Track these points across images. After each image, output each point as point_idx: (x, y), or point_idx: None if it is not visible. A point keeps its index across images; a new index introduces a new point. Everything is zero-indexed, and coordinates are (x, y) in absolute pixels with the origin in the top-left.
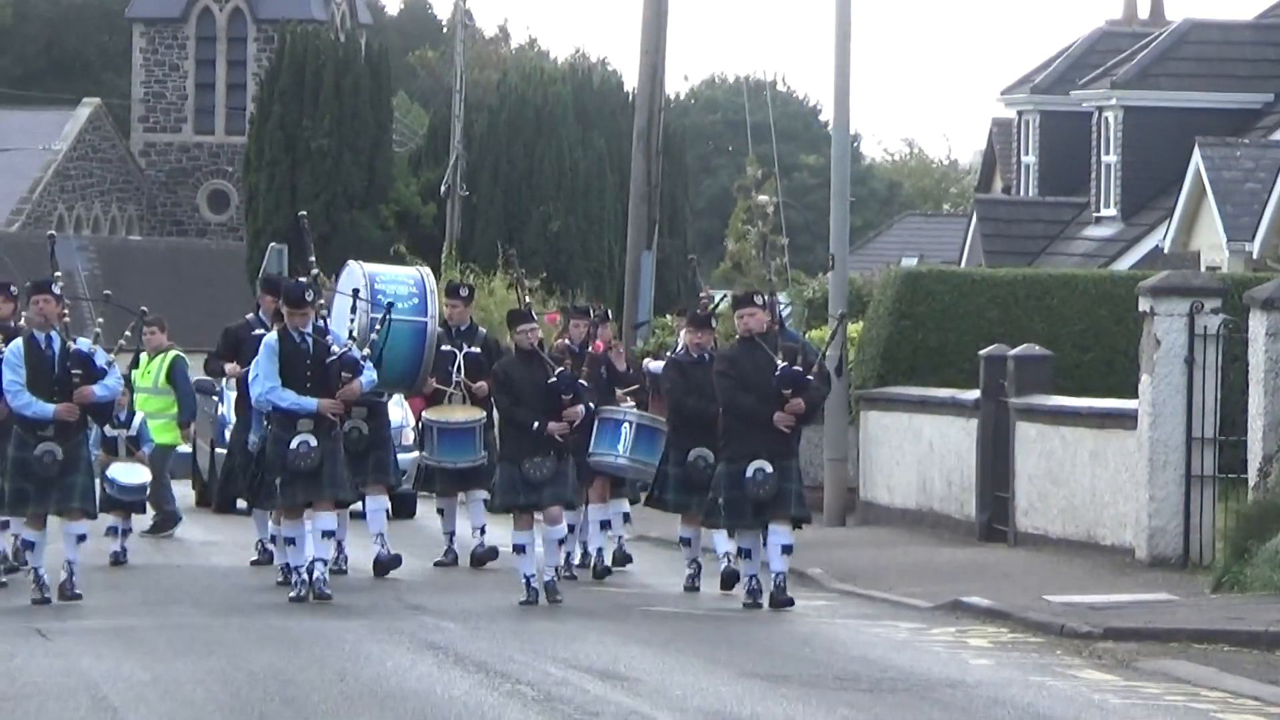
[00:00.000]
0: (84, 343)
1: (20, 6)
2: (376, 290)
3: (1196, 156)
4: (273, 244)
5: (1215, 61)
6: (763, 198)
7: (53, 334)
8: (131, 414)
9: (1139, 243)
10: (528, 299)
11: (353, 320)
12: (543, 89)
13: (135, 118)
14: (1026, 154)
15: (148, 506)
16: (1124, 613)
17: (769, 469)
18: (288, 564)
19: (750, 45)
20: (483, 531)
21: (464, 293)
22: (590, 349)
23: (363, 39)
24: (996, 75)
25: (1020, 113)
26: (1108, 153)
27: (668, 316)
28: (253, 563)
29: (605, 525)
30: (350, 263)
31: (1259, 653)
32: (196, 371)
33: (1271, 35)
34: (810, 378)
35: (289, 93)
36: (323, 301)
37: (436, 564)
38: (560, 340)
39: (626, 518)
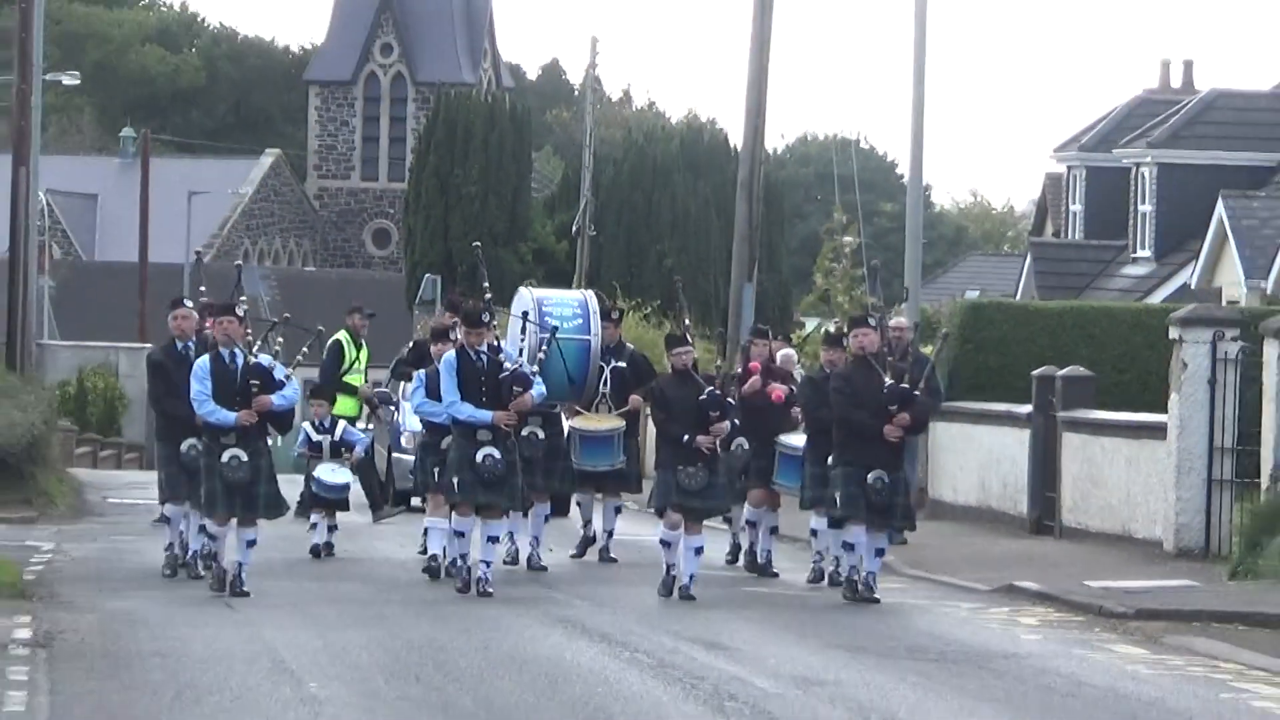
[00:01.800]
0: (265, 358)
1: (210, 69)
2: (545, 312)
3: (1220, 207)
4: (428, 275)
5: (1237, 125)
6: (847, 239)
7: (236, 350)
8: (335, 421)
9: (1169, 280)
10: (687, 321)
11: (523, 340)
12: (660, 144)
13: (310, 166)
14: (1074, 203)
15: (350, 504)
16: (1153, 596)
17: (887, 479)
18: (436, 556)
19: (837, 108)
20: (610, 535)
21: (615, 315)
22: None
23: (506, 100)
24: (1049, 135)
25: (1069, 168)
26: (1144, 203)
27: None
28: (420, 553)
29: (775, 530)
30: (521, 288)
31: (1270, 631)
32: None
33: None
34: (917, 393)
35: (442, 145)
36: (496, 323)
37: (572, 555)
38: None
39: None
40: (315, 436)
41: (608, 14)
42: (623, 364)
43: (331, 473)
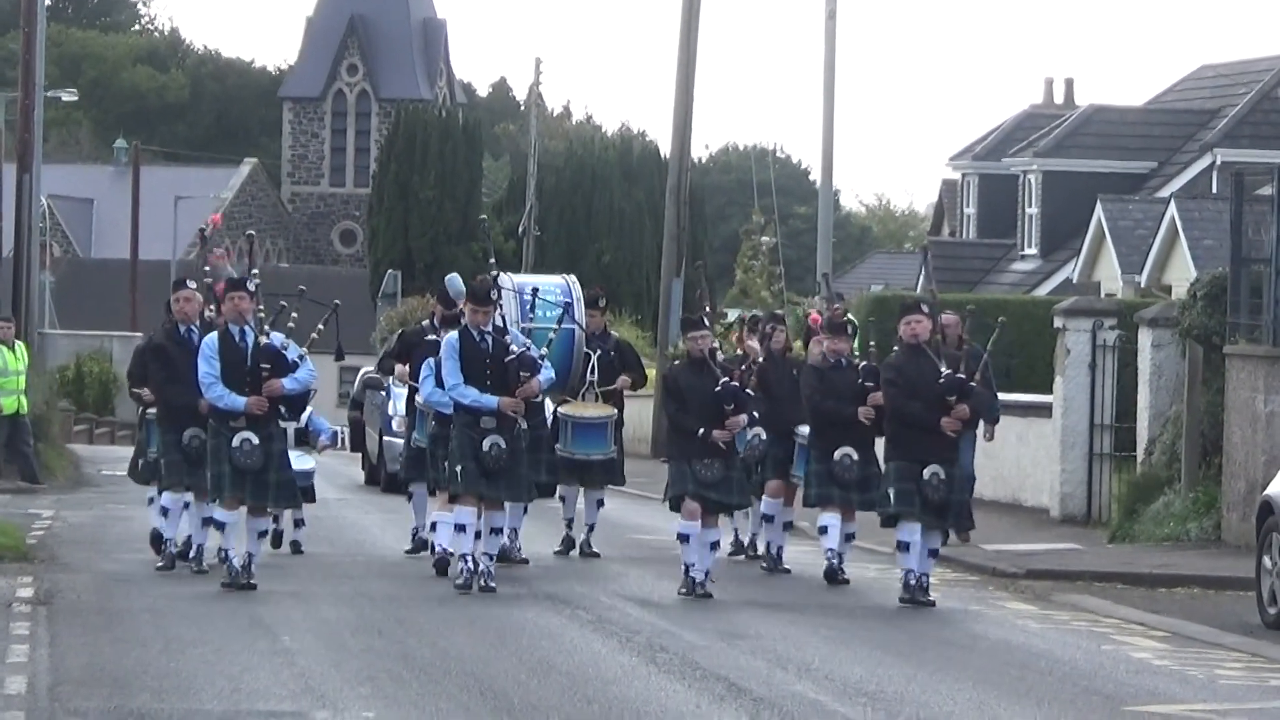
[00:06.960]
0: (277, 337)
1: (195, 86)
2: (528, 300)
3: (1098, 209)
4: (390, 270)
5: (1113, 137)
6: (765, 239)
7: (246, 329)
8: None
9: (1054, 275)
10: (707, 307)
11: (532, 315)
12: (597, 154)
13: (284, 173)
14: (968, 206)
15: (315, 493)
16: (1042, 558)
17: (944, 474)
18: (441, 547)
19: (756, 120)
20: (592, 529)
21: (601, 303)
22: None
23: (459, 114)
24: (945, 145)
25: (963, 174)
26: (1030, 206)
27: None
28: (407, 552)
29: (789, 525)
30: (502, 275)
31: (1144, 589)
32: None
33: (1156, 117)
34: (973, 384)
35: (403, 155)
36: (502, 301)
37: (556, 553)
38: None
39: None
40: (282, 423)
41: (550, 37)
42: (611, 352)
43: (294, 459)
